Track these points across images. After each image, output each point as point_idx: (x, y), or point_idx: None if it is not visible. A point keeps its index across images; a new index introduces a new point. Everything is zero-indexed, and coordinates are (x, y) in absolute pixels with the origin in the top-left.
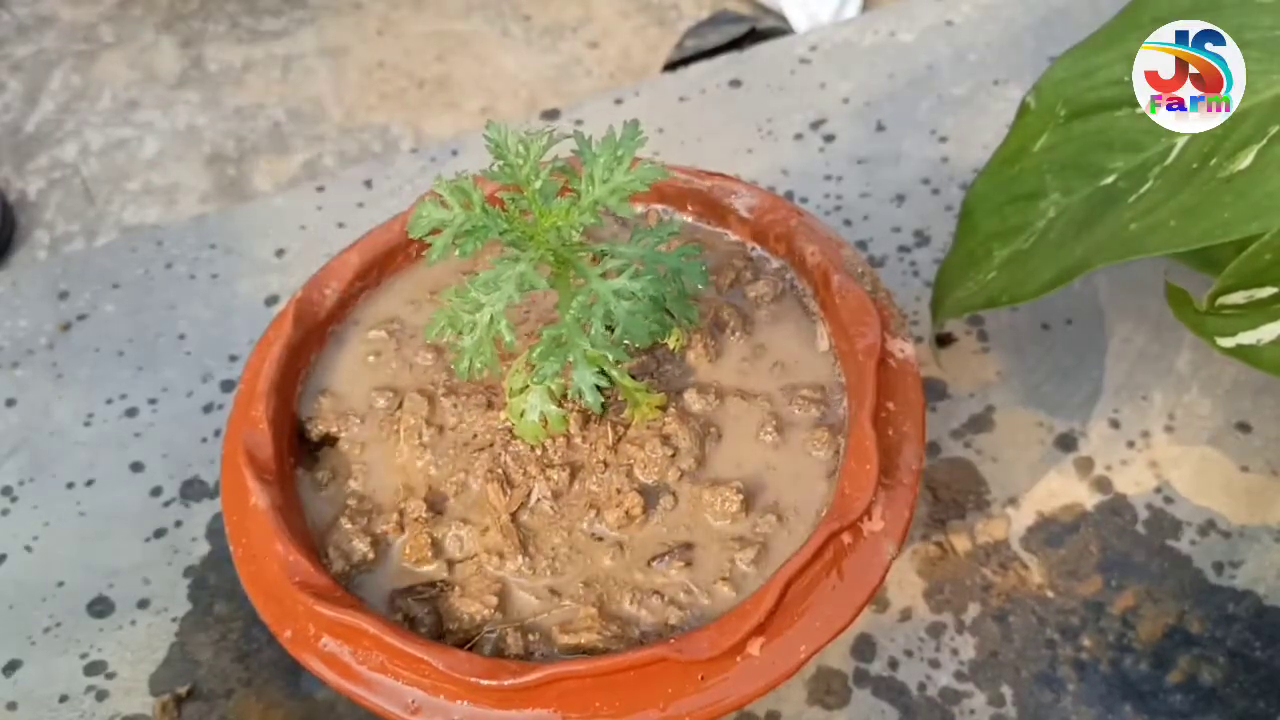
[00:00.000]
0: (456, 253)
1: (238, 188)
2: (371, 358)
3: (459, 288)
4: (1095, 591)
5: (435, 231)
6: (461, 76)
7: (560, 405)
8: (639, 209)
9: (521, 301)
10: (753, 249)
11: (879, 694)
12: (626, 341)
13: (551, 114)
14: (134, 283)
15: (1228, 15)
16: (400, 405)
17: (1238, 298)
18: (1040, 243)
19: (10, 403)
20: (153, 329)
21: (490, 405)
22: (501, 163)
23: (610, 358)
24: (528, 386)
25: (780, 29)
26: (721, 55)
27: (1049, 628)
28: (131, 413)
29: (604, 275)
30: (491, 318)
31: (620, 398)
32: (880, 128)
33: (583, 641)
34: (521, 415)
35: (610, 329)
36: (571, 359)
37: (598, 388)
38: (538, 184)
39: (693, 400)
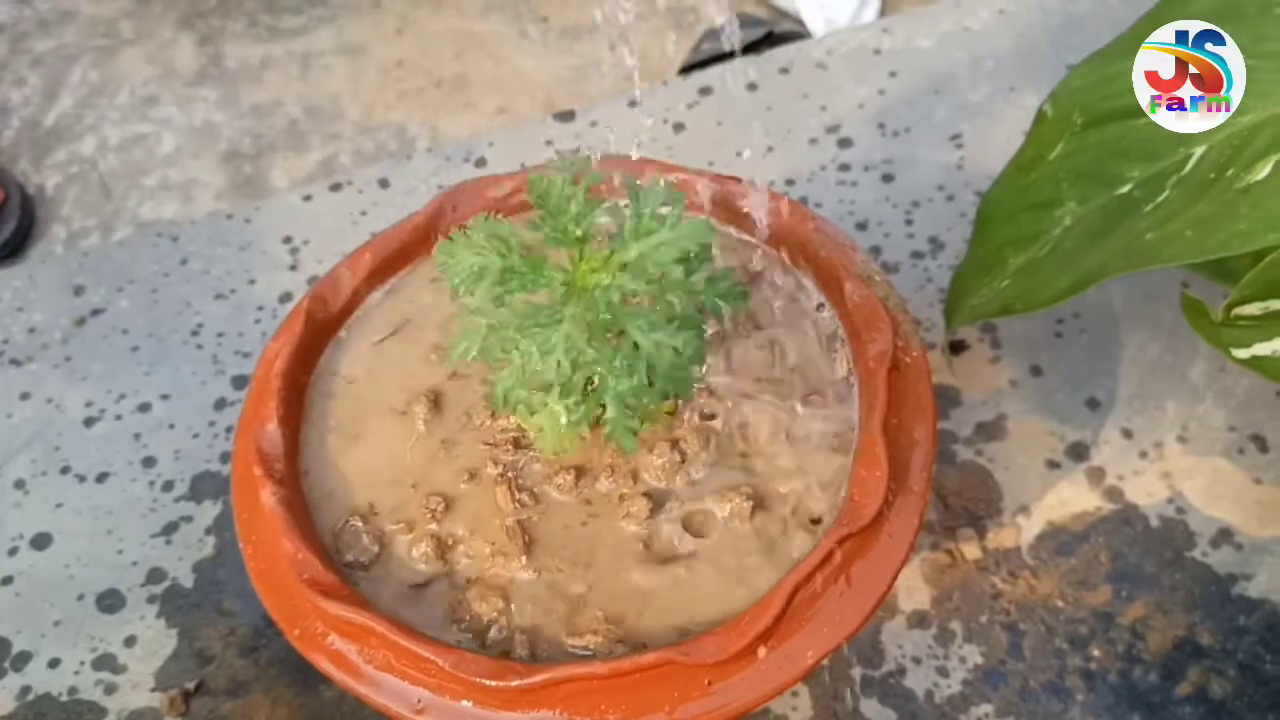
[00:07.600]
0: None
1: (254, 185)
2: (383, 357)
3: (498, 323)
4: (1105, 601)
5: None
6: (479, 77)
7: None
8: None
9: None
10: (767, 253)
11: (886, 701)
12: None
13: (566, 115)
14: (149, 278)
15: (1247, 25)
16: (410, 405)
17: (1253, 309)
18: (1055, 251)
19: (24, 396)
20: (167, 324)
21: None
22: (543, 213)
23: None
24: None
25: (797, 33)
26: (738, 59)
27: (1058, 637)
28: (144, 408)
29: (643, 327)
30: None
31: None
32: (896, 133)
33: (589, 644)
34: (538, 429)
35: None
36: (607, 402)
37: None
38: (578, 233)
39: (703, 405)
